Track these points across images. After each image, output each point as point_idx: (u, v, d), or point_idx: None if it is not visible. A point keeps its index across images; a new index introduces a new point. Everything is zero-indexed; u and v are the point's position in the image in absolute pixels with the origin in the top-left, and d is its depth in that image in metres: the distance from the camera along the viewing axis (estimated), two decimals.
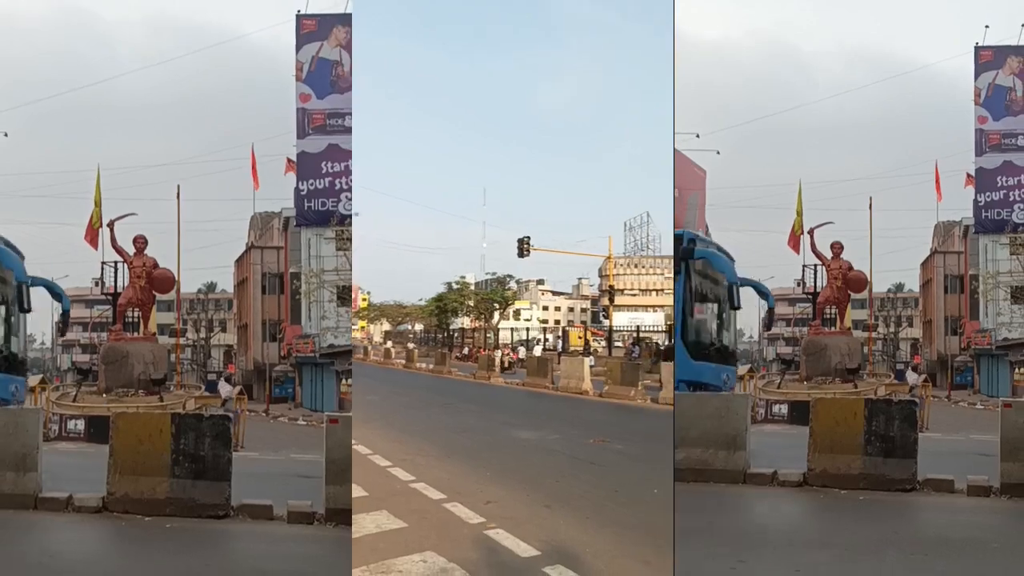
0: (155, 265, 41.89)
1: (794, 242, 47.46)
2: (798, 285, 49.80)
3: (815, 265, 47.66)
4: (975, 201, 52.02)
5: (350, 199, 45.08)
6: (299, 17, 45.46)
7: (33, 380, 39.43)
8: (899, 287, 69.37)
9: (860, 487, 18.85)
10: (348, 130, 45.24)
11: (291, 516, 16.86)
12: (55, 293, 38.02)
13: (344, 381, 43.48)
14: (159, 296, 43.70)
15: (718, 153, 56.15)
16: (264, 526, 16.67)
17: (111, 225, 41.09)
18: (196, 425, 17.54)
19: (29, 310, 35.25)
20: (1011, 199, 51.51)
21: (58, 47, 73.50)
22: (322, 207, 44.79)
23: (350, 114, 45.20)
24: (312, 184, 44.74)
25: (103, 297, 45.78)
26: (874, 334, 54.25)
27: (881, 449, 19.16)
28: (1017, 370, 49.89)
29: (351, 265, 45.00)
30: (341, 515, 16.30)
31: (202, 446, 17.12)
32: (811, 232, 47.16)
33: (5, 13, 68.16)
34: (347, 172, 45.03)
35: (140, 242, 41.61)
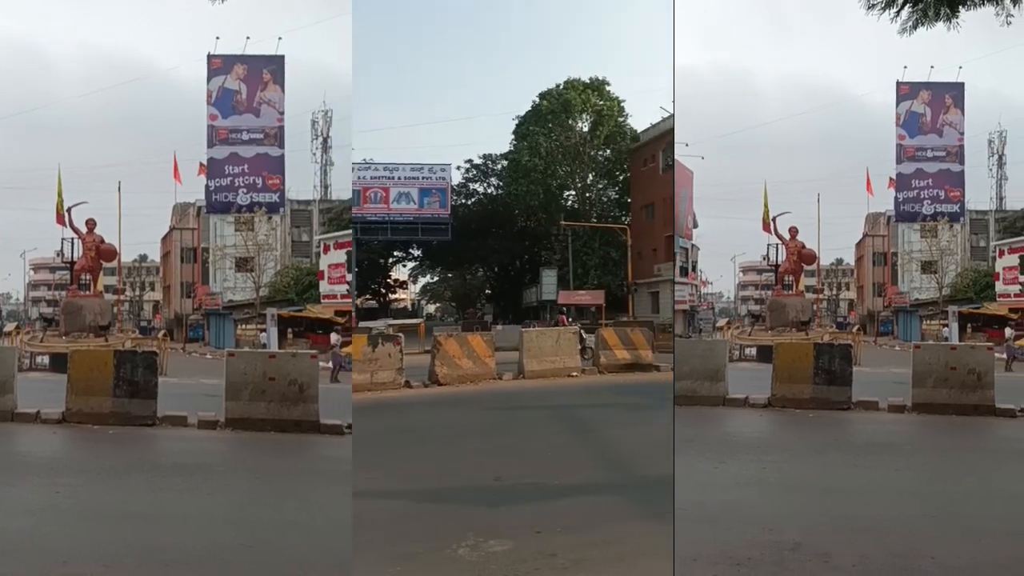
0: (102, 241, 44.88)
1: (765, 227, 47.58)
2: (763, 259, 49.71)
3: (776, 244, 47.66)
4: (895, 198, 52.00)
5: (246, 193, 46.61)
6: (209, 56, 46.77)
7: (9, 327, 43.69)
8: (839, 261, 69.21)
9: (810, 407, 18.87)
10: (245, 142, 46.55)
11: (201, 424, 16.99)
12: None
13: (240, 326, 45.25)
14: (105, 264, 46.56)
15: (703, 158, 56.02)
16: (181, 431, 16.75)
17: (69, 211, 44.17)
18: (132, 359, 17.77)
19: None
20: (922, 197, 51.47)
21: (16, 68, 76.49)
22: (225, 199, 46.83)
23: (247, 130, 46.56)
24: (218, 182, 46.67)
25: (63, 264, 48.15)
26: (821, 296, 53.92)
27: (826, 379, 19.21)
28: (925, 321, 49.71)
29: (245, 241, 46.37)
30: (237, 423, 16.71)
31: (136, 374, 17.21)
32: (774, 219, 47.19)
33: None
34: (243, 173, 46.44)
35: (91, 224, 44.71)
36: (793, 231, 47.57)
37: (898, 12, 11.36)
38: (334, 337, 34.50)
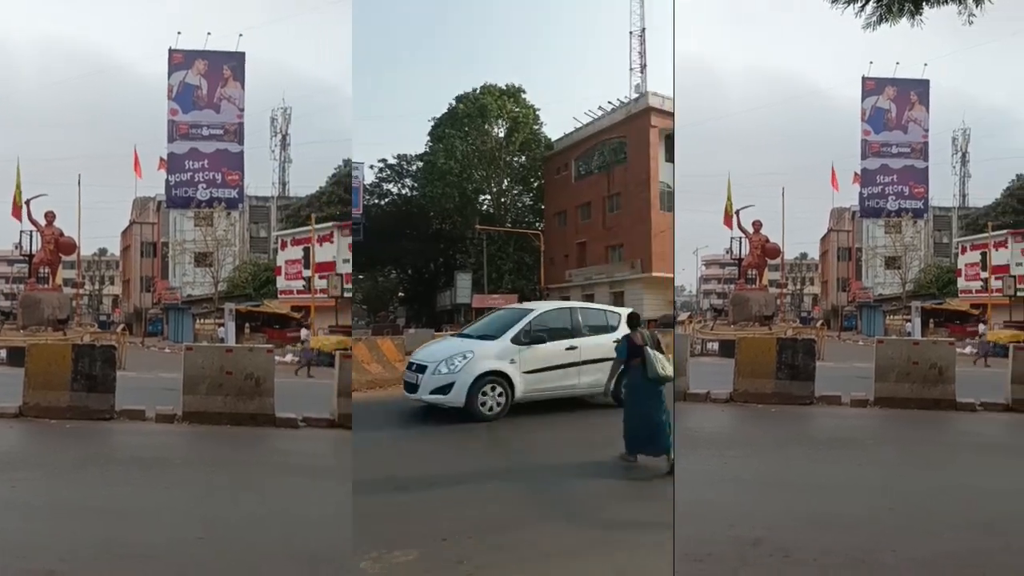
0: (61, 234, 44.46)
1: (728, 220, 47.61)
2: (726, 253, 49.80)
3: (740, 238, 47.78)
4: (860, 193, 52.24)
5: (206, 189, 46.46)
6: (170, 51, 46.68)
7: None
8: (804, 256, 69.46)
9: (773, 402, 19.00)
10: (206, 138, 46.41)
11: (158, 417, 17.06)
12: None
13: (199, 321, 45.32)
14: (64, 257, 46.14)
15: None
16: (138, 424, 16.80)
17: (27, 203, 43.60)
18: (90, 352, 17.75)
19: None
20: (886, 192, 51.75)
21: None
22: (185, 194, 46.49)
23: (207, 126, 46.39)
24: (178, 177, 46.43)
25: (22, 258, 47.50)
26: (784, 290, 54.11)
27: (788, 374, 19.34)
28: (888, 317, 50.06)
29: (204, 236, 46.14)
30: (194, 416, 16.92)
31: (94, 368, 17.23)
32: (737, 213, 47.25)
33: None
34: (203, 169, 46.37)
35: (50, 216, 44.25)
36: (757, 225, 47.67)
37: (862, 7, 11.40)
38: (304, 333, 35.89)
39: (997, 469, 13.40)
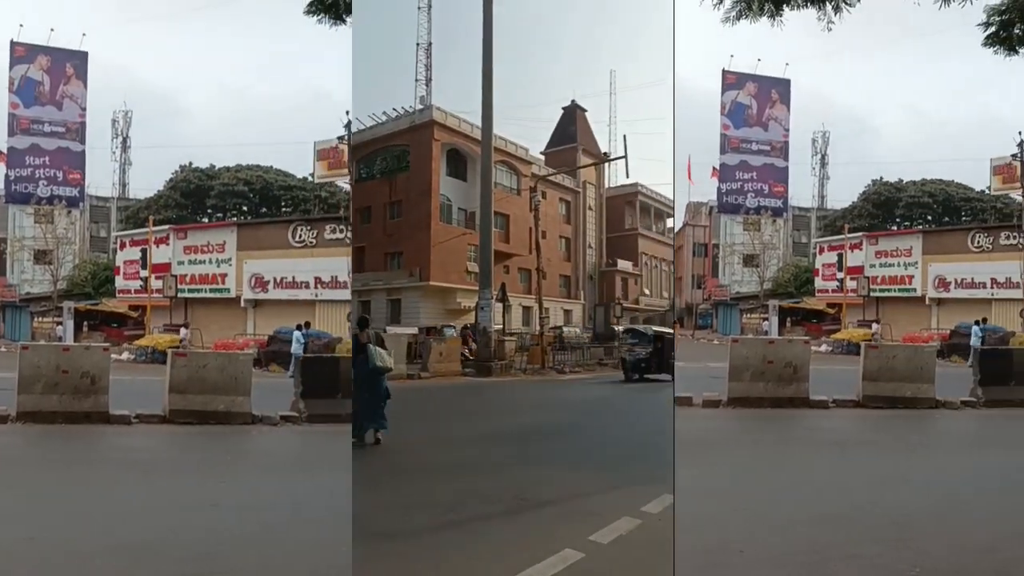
0: None
1: None
2: None
3: None
4: (718, 188, 53.02)
5: (47, 186, 46.85)
6: (13, 43, 46.84)
7: None
8: None
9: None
10: (47, 134, 46.87)
11: None
12: None
13: (37, 319, 45.72)
14: None
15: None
16: None
17: None
18: None
19: None
20: (745, 189, 52.68)
21: None
22: (25, 190, 46.82)
23: (49, 122, 46.95)
24: (18, 172, 46.66)
25: None
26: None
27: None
28: (745, 315, 50.99)
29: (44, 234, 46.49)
30: (29, 416, 16.82)
31: None
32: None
33: None
34: (44, 165, 46.76)
35: None
36: None
37: (720, 1, 11.38)
38: (183, 332, 38.55)
39: (844, 464, 13.71)
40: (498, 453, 12.36)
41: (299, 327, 29.45)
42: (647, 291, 29.16)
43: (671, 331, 23.87)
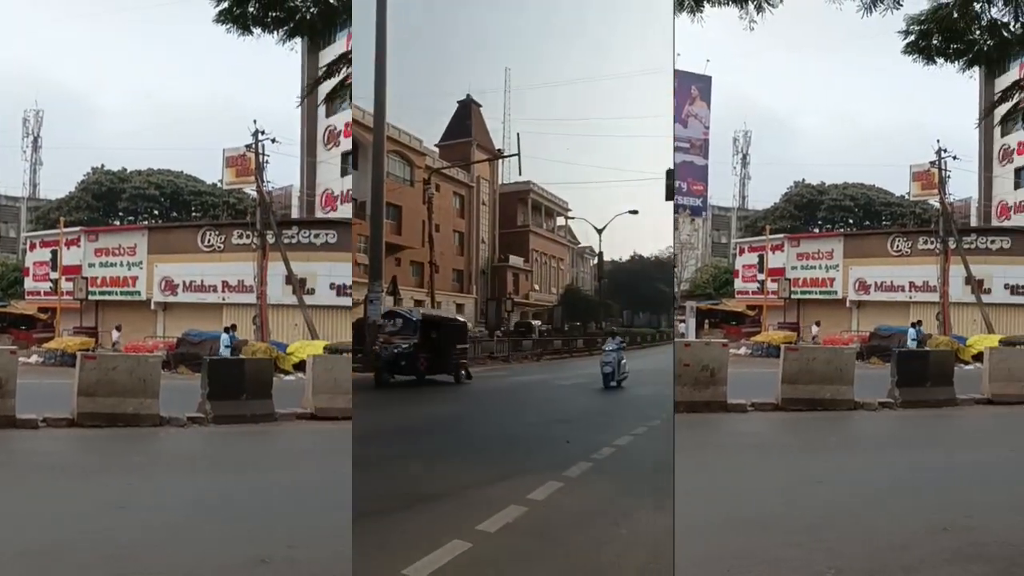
0: None
1: None
2: None
3: None
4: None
5: None
6: None
7: None
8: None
9: None
10: None
11: None
12: None
13: None
14: None
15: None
16: None
17: None
18: None
19: None
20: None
21: None
22: None
23: None
24: None
25: None
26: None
27: None
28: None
29: None
30: None
31: None
32: None
33: None
34: None
35: None
36: None
37: None
38: (115, 334, 37.94)
39: (761, 467, 13.77)
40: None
41: (227, 330, 29.69)
42: (537, 287, 29.15)
43: (460, 318, 22.37)
